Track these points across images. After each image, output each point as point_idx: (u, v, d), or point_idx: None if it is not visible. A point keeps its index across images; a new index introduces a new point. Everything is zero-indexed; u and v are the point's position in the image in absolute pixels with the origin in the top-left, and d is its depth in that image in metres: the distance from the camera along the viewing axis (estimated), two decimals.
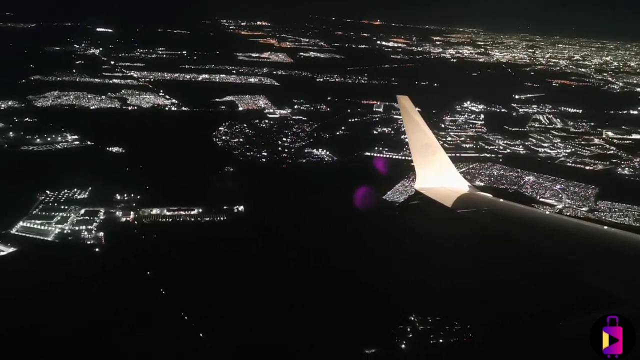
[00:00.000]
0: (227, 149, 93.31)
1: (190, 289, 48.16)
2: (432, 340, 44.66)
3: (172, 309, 45.72)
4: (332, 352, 41.71)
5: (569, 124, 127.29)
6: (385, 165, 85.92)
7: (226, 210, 66.10)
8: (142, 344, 40.14)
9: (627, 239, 9.95)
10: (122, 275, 49.62)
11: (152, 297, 47.07)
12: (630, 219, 71.00)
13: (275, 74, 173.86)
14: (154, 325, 43.08)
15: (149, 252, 55.20)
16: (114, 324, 42.27)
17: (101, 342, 40.21)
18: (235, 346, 41.61)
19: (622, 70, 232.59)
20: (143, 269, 51.27)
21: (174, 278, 49.82)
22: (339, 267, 51.35)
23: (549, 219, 12.01)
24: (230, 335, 42.54)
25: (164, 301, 46.90)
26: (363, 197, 59.94)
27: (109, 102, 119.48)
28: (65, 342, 39.58)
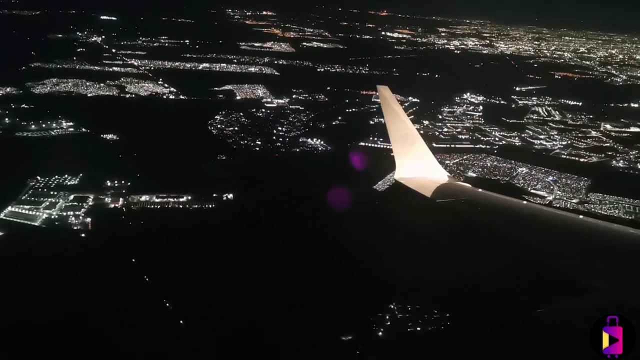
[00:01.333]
0: (222, 138, 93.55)
1: (174, 276, 48.42)
2: (409, 329, 44.93)
3: (154, 295, 46.04)
4: (309, 339, 41.93)
5: (567, 116, 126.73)
6: (379, 155, 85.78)
7: (215, 198, 66.40)
8: (120, 330, 40.43)
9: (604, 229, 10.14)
10: (106, 261, 50.00)
11: (134, 284, 47.42)
12: (620, 212, 70.94)
13: (276, 63, 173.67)
14: (134, 311, 43.21)
15: (135, 238, 55.62)
16: (92, 310, 42.59)
17: (78, 328, 40.49)
18: (214, 333, 41.92)
19: (627, 63, 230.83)
20: (128, 255, 51.57)
21: (158, 265, 50.12)
22: (322, 256, 51.49)
23: (527, 209, 12.23)
24: (210, 323, 42.86)
25: (147, 288, 47.25)
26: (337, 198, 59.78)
27: (107, 90, 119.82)
28: (41, 328, 39.91)
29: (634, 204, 72.64)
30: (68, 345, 39.03)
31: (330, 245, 52.19)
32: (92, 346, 39.10)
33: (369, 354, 41.59)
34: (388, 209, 53.57)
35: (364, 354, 41.58)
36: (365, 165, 70.50)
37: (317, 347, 41.39)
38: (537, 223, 11.02)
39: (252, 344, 41.32)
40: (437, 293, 47.10)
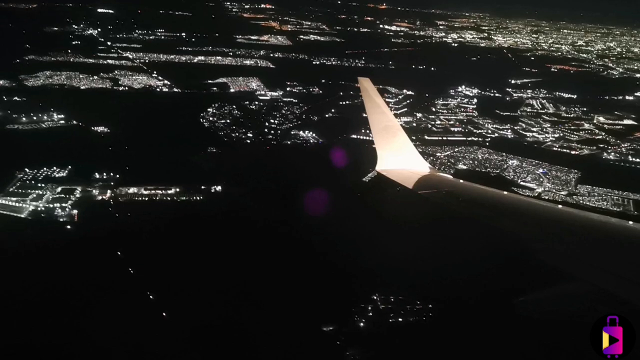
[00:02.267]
0: (213, 130, 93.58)
1: (159, 268, 48.53)
2: (391, 319, 45.16)
3: (137, 288, 46.15)
4: (290, 329, 42.14)
5: (561, 109, 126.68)
6: (370, 148, 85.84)
7: (203, 190, 66.53)
8: (100, 322, 40.51)
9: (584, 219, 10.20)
10: (91, 253, 49.99)
11: (118, 275, 47.53)
12: (608, 204, 71.09)
13: (272, 56, 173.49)
14: (116, 303, 43.30)
15: (121, 230, 55.67)
16: (73, 302, 42.67)
17: (58, 320, 40.62)
18: (196, 325, 42.00)
19: (624, 56, 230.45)
20: (113, 247, 51.65)
21: (143, 257, 50.18)
22: (305, 247, 51.58)
23: (508, 199, 12.10)
24: (193, 315, 42.97)
25: (130, 279, 47.36)
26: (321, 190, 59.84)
27: (101, 83, 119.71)
28: (21, 320, 40.09)
29: (623, 195, 72.79)
30: (48, 336, 39.18)
31: (313, 237, 52.27)
32: (71, 337, 39.22)
33: (349, 344, 41.80)
34: (370, 200, 53.60)
35: (344, 344, 41.81)
36: (347, 161, 70.27)
37: (298, 337, 41.62)
38: (517, 213, 11.13)
39: (234, 335, 41.50)
40: (420, 284, 47.39)
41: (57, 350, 38.26)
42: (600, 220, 9.97)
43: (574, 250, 8.98)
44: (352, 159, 71.57)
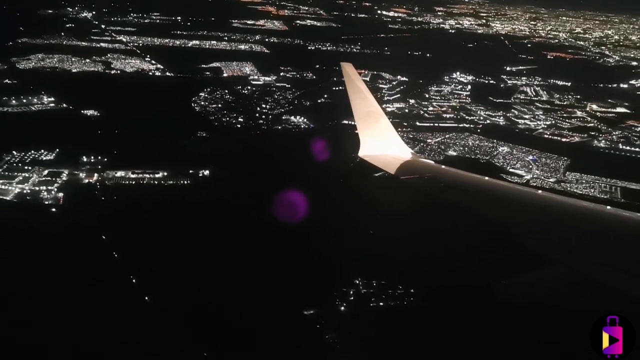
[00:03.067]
0: (204, 115, 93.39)
1: (143, 253, 48.55)
2: (372, 304, 45.43)
3: (120, 271, 46.26)
4: (271, 313, 42.35)
5: (555, 96, 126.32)
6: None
7: (191, 175, 66.56)
8: (81, 307, 40.57)
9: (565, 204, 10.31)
10: (75, 237, 49.99)
11: (102, 260, 47.60)
12: (596, 191, 71.24)
13: (267, 41, 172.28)
14: (98, 288, 43.29)
15: (107, 214, 55.78)
16: (55, 286, 42.58)
17: (39, 305, 40.56)
18: (178, 309, 42.18)
19: (622, 44, 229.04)
20: (98, 230, 51.73)
21: (128, 241, 50.28)
22: (289, 232, 51.47)
23: (489, 184, 12.22)
24: (175, 299, 43.13)
25: (114, 264, 47.43)
26: None
27: (93, 66, 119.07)
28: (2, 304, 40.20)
29: (611, 183, 72.99)
30: (28, 321, 39.20)
31: (297, 222, 52.24)
32: (52, 322, 39.20)
33: (329, 328, 42.07)
34: (353, 186, 53.47)
35: (324, 327, 42.09)
36: (335, 146, 69.93)
37: (278, 321, 41.83)
38: (498, 198, 11.19)
39: (214, 319, 41.66)
40: (402, 268, 47.52)
41: (36, 333, 38.31)
42: (581, 205, 10.11)
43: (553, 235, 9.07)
44: (340, 145, 71.26)
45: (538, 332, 38.75)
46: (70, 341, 37.89)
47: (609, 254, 8.08)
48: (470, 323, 41.96)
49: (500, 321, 39.40)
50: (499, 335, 40.48)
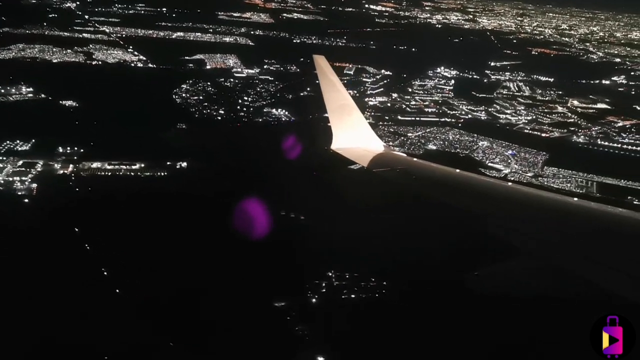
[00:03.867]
0: (185, 107, 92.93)
1: (115, 245, 48.17)
2: (344, 296, 45.44)
3: (92, 264, 45.86)
4: (242, 305, 42.25)
5: (537, 91, 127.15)
6: None
7: (169, 166, 66.26)
8: (51, 299, 40.18)
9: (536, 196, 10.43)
10: (46, 228, 49.42)
11: (73, 252, 47.14)
12: (572, 185, 71.71)
13: (253, 34, 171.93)
14: (68, 279, 42.84)
15: (81, 205, 55.28)
16: (24, 279, 42.06)
17: (7, 297, 40.18)
18: (148, 302, 41.87)
19: (606, 41, 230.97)
20: (70, 222, 51.26)
21: (100, 232, 49.91)
22: (263, 225, 51.31)
23: (460, 176, 12.21)
24: (146, 291, 42.83)
25: (86, 256, 47.03)
26: None
27: (74, 57, 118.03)
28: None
29: (587, 178, 73.54)
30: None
31: (271, 214, 52.14)
32: (21, 314, 38.83)
33: (299, 319, 42.07)
34: (326, 178, 53.52)
35: (294, 319, 42.08)
36: (311, 139, 69.85)
37: (248, 312, 41.75)
38: (469, 190, 11.28)
39: (184, 311, 41.45)
40: (376, 261, 47.55)
41: (3, 324, 37.98)
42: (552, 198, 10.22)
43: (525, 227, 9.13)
44: (318, 138, 71.23)
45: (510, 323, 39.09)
46: (39, 333, 37.56)
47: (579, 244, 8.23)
48: (441, 314, 42.14)
49: (472, 312, 39.68)
50: (471, 326, 40.73)
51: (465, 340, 40.05)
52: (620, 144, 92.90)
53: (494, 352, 39.35)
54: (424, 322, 41.67)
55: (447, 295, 41.77)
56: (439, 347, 39.96)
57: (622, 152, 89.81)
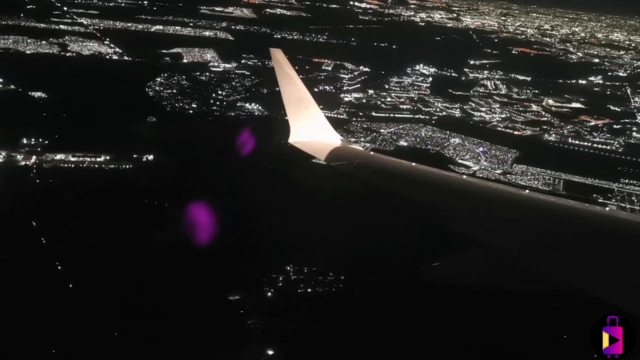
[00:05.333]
0: (157, 100, 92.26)
1: (72, 238, 47.66)
2: (300, 290, 45.35)
3: (47, 258, 45.23)
4: (196, 298, 41.98)
5: (513, 90, 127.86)
6: None
7: (135, 159, 65.77)
8: (3, 292, 39.59)
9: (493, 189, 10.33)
10: (3, 219, 48.57)
11: (29, 245, 46.50)
12: (539, 183, 72.19)
13: (233, 28, 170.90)
14: (22, 274, 42.15)
15: (40, 197, 54.62)
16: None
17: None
18: (101, 296, 41.41)
19: (587, 41, 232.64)
20: (28, 214, 50.55)
21: (57, 225, 49.35)
22: (224, 218, 50.87)
23: (417, 170, 12.03)
24: (100, 285, 42.31)
25: (41, 250, 46.39)
26: None
27: (48, 48, 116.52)
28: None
29: (555, 175, 74.14)
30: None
31: (228, 208, 51.82)
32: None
33: (252, 313, 41.91)
34: (284, 172, 53.42)
35: (247, 312, 41.91)
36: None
37: (202, 305, 41.49)
38: (427, 184, 11.18)
39: (137, 304, 41.04)
40: (335, 255, 47.46)
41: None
42: (509, 192, 10.33)
43: (480, 219, 9.10)
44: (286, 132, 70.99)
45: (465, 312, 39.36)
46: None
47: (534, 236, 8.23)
48: (397, 306, 42.36)
49: (428, 304, 39.90)
50: (427, 317, 40.99)
51: (420, 332, 40.19)
52: (590, 142, 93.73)
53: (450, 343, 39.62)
54: (380, 316, 41.80)
55: (404, 287, 42.03)
56: (393, 340, 40.07)
57: (591, 151, 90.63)
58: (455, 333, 40.25)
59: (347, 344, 39.32)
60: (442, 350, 39.01)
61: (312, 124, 14.77)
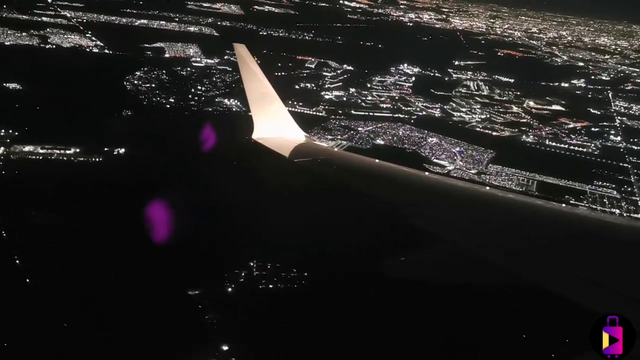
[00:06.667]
0: (134, 93, 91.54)
1: (33, 232, 47.03)
2: (261, 286, 45.00)
3: (4, 252, 44.55)
4: (154, 293, 41.54)
5: (495, 91, 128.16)
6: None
7: (105, 152, 65.17)
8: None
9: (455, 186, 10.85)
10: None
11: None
12: (513, 183, 72.24)
13: (219, 25, 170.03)
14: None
15: (3, 188, 53.88)
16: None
17: None
18: (59, 290, 40.89)
19: (573, 45, 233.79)
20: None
21: (18, 218, 48.70)
22: (185, 214, 50.45)
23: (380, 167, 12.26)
24: (58, 280, 41.82)
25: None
26: None
27: (28, 40, 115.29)
28: None
29: (528, 176, 74.36)
30: None
31: (193, 204, 51.39)
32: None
33: (211, 308, 41.53)
34: (247, 168, 53.00)
35: (206, 308, 41.53)
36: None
37: (159, 300, 41.06)
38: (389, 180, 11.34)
39: (95, 299, 40.53)
40: (299, 251, 47.15)
41: None
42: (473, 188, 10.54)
43: (440, 215, 9.21)
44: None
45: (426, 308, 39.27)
46: None
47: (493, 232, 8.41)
48: (358, 302, 42.19)
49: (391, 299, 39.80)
50: (387, 313, 40.88)
51: (380, 328, 40.07)
52: (567, 144, 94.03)
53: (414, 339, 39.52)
54: (341, 312, 41.54)
55: (366, 283, 41.87)
56: (353, 337, 39.81)
57: (567, 153, 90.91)
58: (417, 328, 40.14)
59: (304, 341, 38.99)
60: (406, 345, 38.93)
61: (276, 120, 14.78)
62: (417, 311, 40.49)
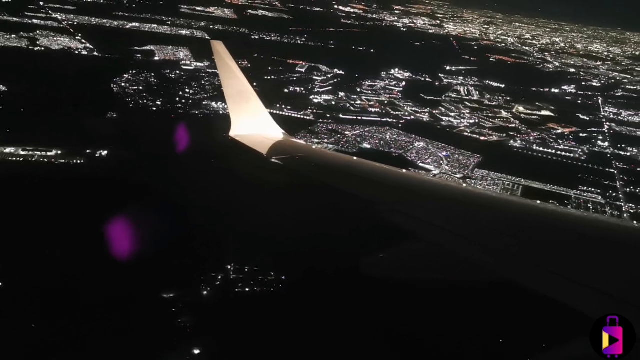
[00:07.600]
0: (121, 96, 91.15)
1: (10, 233, 46.49)
2: (237, 289, 44.66)
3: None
4: (128, 296, 41.12)
5: (485, 96, 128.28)
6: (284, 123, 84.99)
7: (88, 154, 64.81)
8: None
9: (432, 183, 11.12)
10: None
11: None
12: (498, 188, 72.14)
13: (212, 28, 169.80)
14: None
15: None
16: None
17: None
18: (34, 292, 40.52)
19: (565, 51, 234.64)
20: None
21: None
22: (164, 214, 50.07)
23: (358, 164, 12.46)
24: (32, 281, 41.49)
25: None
26: None
27: (17, 42, 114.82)
28: None
29: (514, 181, 74.29)
30: None
31: (169, 205, 51.01)
32: None
33: (184, 311, 41.12)
34: (224, 167, 52.71)
35: (179, 311, 41.12)
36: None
37: (132, 302, 40.65)
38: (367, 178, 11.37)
39: (69, 299, 40.20)
40: (277, 250, 46.92)
41: None
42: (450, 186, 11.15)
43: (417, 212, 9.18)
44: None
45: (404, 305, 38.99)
46: None
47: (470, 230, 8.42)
48: (335, 303, 41.82)
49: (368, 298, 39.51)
50: (366, 312, 40.60)
51: (358, 328, 39.81)
52: (554, 150, 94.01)
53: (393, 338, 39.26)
54: (318, 315, 41.21)
55: (344, 283, 41.41)
56: (331, 339, 39.47)
57: (554, 158, 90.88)
58: (396, 327, 39.95)
59: (279, 345, 38.63)
60: (384, 344, 38.71)
61: (254, 117, 14.65)
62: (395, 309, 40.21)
